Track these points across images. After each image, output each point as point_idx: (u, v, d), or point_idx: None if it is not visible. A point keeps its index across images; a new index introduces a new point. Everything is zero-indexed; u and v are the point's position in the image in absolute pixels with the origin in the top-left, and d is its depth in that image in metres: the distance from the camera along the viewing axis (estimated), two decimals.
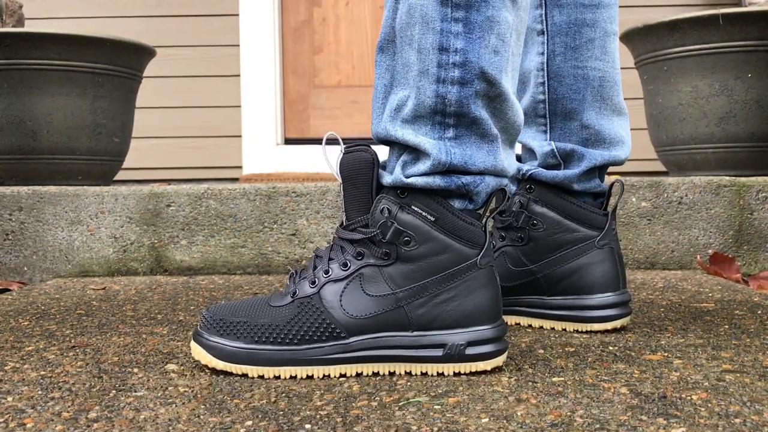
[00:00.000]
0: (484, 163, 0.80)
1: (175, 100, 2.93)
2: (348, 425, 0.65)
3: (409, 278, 0.80)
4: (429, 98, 0.78)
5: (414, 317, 0.80)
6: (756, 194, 1.66)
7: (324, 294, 0.81)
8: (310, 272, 0.84)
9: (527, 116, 1.03)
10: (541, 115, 1.03)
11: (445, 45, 0.77)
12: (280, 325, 0.80)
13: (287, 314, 0.81)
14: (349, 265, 0.82)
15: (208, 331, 0.82)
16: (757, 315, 1.10)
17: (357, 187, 0.81)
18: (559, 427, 0.63)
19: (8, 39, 1.97)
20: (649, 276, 1.54)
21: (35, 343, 0.97)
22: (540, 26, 1.01)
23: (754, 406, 0.68)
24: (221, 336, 0.81)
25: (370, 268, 0.81)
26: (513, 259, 1.00)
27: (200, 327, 0.83)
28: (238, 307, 0.84)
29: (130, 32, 2.28)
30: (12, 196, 1.65)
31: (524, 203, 1.01)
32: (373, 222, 0.81)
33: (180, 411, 0.69)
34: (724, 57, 1.96)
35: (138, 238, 1.66)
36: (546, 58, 1.02)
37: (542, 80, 1.02)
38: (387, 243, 0.80)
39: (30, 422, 0.66)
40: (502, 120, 0.81)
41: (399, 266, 0.81)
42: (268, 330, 0.80)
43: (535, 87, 1.02)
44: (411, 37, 0.78)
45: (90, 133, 2.09)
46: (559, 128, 1.03)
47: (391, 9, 0.81)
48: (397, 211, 0.80)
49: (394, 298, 0.80)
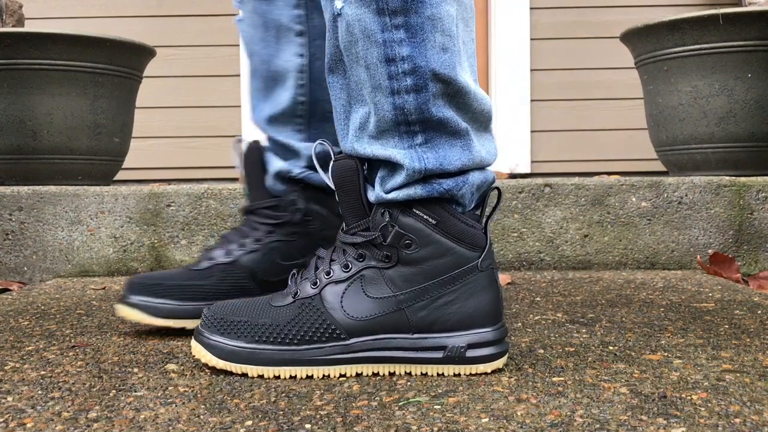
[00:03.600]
0: (460, 159, 0.79)
1: (175, 100, 2.93)
2: (348, 425, 0.65)
3: (409, 281, 0.80)
4: (388, 112, 0.77)
5: (414, 320, 0.80)
6: (756, 194, 1.66)
7: (325, 295, 0.81)
8: (311, 273, 0.84)
9: (284, 115, 1.05)
10: (299, 116, 1.06)
11: (390, 55, 0.75)
12: (280, 325, 0.81)
13: (288, 314, 0.81)
14: (350, 266, 0.82)
15: (209, 330, 0.82)
16: (757, 315, 1.10)
17: (347, 194, 0.82)
18: (559, 427, 0.63)
19: (8, 39, 1.97)
20: (649, 276, 1.54)
21: (35, 343, 0.97)
22: (300, 27, 1.03)
23: (754, 406, 0.68)
24: (222, 335, 0.81)
25: (372, 270, 0.81)
26: (282, 253, 1.04)
27: (201, 326, 0.83)
28: (240, 307, 0.84)
29: (130, 32, 2.28)
30: (12, 196, 1.65)
31: (301, 204, 1.05)
32: (374, 225, 0.81)
33: (180, 411, 0.69)
34: (724, 57, 1.96)
35: (138, 238, 1.66)
36: (308, 61, 1.04)
37: (303, 82, 1.04)
38: (388, 246, 0.80)
39: (30, 422, 0.66)
40: (468, 112, 0.80)
41: (400, 269, 0.80)
42: (268, 330, 0.80)
43: (295, 88, 1.04)
44: (356, 54, 0.77)
45: (90, 133, 2.09)
46: (315, 129, 1.07)
47: (331, 29, 0.80)
48: (398, 215, 0.80)
49: (394, 301, 0.80)
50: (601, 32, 2.91)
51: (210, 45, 2.94)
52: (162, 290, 0.97)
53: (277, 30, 1.03)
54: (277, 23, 1.02)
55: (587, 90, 2.95)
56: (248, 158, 1.05)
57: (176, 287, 0.98)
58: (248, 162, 1.05)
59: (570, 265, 1.67)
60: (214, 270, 1.00)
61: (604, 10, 2.94)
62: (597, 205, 1.67)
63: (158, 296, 0.97)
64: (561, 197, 1.67)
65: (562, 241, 1.67)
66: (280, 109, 1.05)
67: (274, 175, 1.05)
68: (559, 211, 1.67)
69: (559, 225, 1.67)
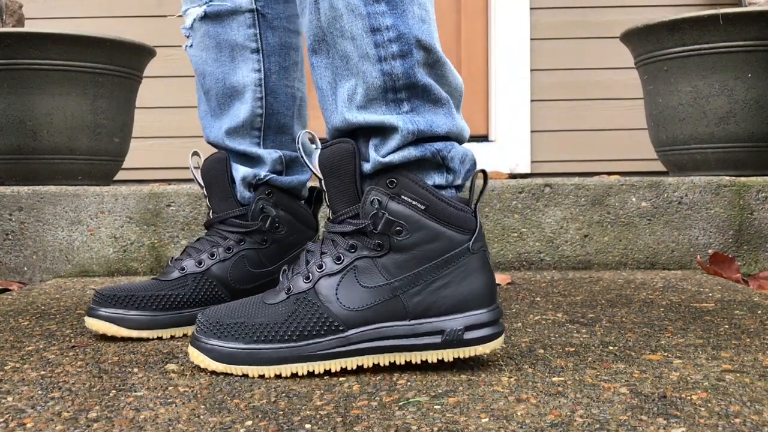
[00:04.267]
0: (446, 124, 0.83)
1: (175, 100, 2.93)
2: (348, 425, 0.65)
3: (403, 267, 0.81)
4: (377, 79, 0.80)
5: (410, 306, 0.81)
6: (756, 194, 1.66)
7: (319, 288, 0.82)
8: (302, 267, 0.84)
9: (243, 128, 1.08)
10: (256, 128, 1.09)
11: (375, 25, 0.80)
12: (277, 323, 0.81)
13: (284, 311, 0.82)
14: (342, 258, 0.83)
15: (205, 335, 0.82)
16: (757, 315, 1.10)
17: (341, 179, 0.82)
18: (559, 426, 0.63)
19: (8, 39, 1.97)
20: (649, 276, 1.54)
21: (35, 343, 0.97)
22: (255, 44, 1.08)
23: (754, 406, 0.68)
24: (219, 338, 0.81)
25: (364, 260, 0.82)
26: (253, 261, 1.06)
27: (197, 331, 0.83)
28: (234, 308, 0.84)
29: (130, 32, 2.28)
30: (12, 196, 1.65)
31: (266, 207, 1.07)
32: (364, 214, 0.82)
33: (180, 411, 0.69)
34: (724, 57, 1.96)
35: (138, 238, 1.66)
36: (263, 75, 1.09)
37: (260, 95, 1.09)
38: (379, 234, 0.81)
39: (30, 422, 0.66)
40: (445, 84, 0.84)
41: (392, 256, 0.81)
42: (266, 329, 0.81)
43: (254, 101, 1.08)
44: (341, 28, 0.81)
45: (90, 133, 2.09)
46: (271, 141, 1.11)
47: (313, 11, 0.83)
48: (387, 202, 0.81)
49: (389, 288, 0.81)
50: (601, 32, 2.91)
51: None
52: (134, 302, 0.98)
53: (232, 49, 1.08)
54: (231, 43, 1.08)
55: (587, 90, 2.95)
56: (212, 169, 1.07)
57: (149, 298, 0.99)
58: (212, 173, 1.07)
59: (570, 265, 1.67)
60: (186, 280, 1.02)
61: (604, 10, 2.94)
62: (597, 205, 1.67)
63: (130, 308, 0.98)
64: (561, 197, 1.67)
65: (562, 241, 1.67)
66: (239, 121, 1.08)
67: (240, 181, 1.07)
68: (559, 211, 1.67)
69: (559, 225, 1.67)
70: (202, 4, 1.09)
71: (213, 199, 1.08)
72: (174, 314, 1.00)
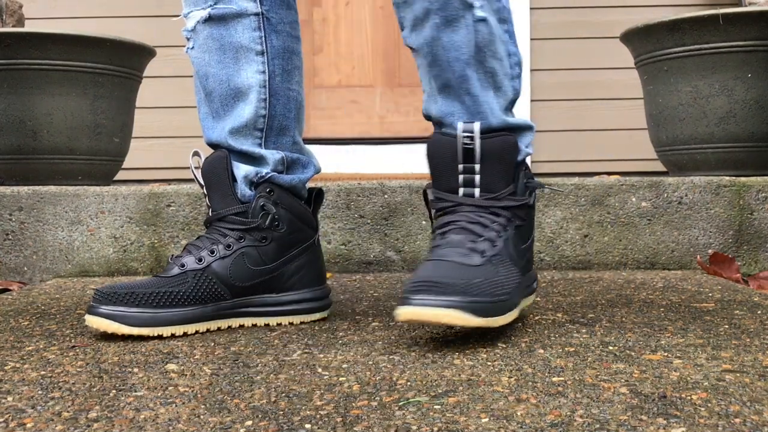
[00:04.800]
0: None
1: (175, 100, 2.93)
2: (348, 425, 0.65)
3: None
4: (510, 93, 1.04)
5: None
6: (756, 194, 1.66)
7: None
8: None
9: (246, 128, 1.10)
10: (259, 129, 1.11)
11: (509, 51, 1.04)
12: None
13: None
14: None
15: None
16: (757, 315, 1.10)
17: (503, 165, 1.00)
18: (558, 427, 0.63)
19: (8, 39, 1.97)
20: (649, 276, 1.54)
21: (35, 343, 0.97)
22: (260, 47, 1.10)
23: (754, 406, 0.68)
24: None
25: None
26: (253, 259, 1.07)
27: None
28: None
29: (130, 32, 2.28)
30: (12, 196, 1.66)
31: (266, 205, 1.08)
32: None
33: (180, 411, 0.69)
34: (723, 57, 1.96)
35: (138, 238, 1.66)
36: (268, 77, 1.10)
37: (264, 96, 1.10)
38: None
39: (30, 422, 0.67)
40: None
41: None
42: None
43: (258, 102, 1.10)
44: (494, 51, 1.01)
45: (90, 133, 2.09)
46: (272, 142, 1.12)
47: (471, 31, 1.00)
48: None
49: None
50: (601, 32, 2.91)
51: None
52: (135, 299, 0.98)
53: (236, 51, 1.09)
54: (236, 45, 1.09)
55: (587, 90, 2.95)
56: (213, 167, 1.08)
57: (149, 295, 0.99)
58: (213, 171, 1.08)
59: (570, 265, 1.67)
60: (186, 277, 1.02)
61: (604, 10, 2.94)
62: (597, 205, 1.67)
63: (132, 305, 0.97)
64: (561, 197, 1.67)
65: (562, 241, 1.67)
66: (242, 121, 1.09)
67: (242, 178, 1.08)
68: (559, 211, 1.67)
69: (559, 225, 1.67)
70: (206, 7, 1.09)
71: (213, 197, 1.09)
72: (175, 311, 1.00)
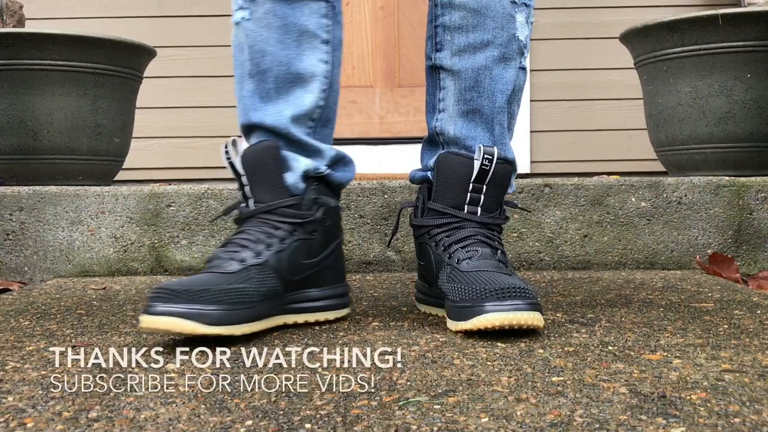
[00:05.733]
0: None
1: (176, 100, 2.93)
2: (348, 425, 0.65)
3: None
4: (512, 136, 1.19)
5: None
6: (755, 194, 1.66)
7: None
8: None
9: (304, 117, 1.07)
10: (313, 119, 1.09)
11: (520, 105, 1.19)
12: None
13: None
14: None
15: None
16: (757, 315, 1.10)
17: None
18: (558, 426, 0.63)
19: (9, 39, 1.97)
20: (648, 276, 1.54)
21: (36, 343, 0.97)
22: (326, 35, 1.08)
23: (754, 406, 0.68)
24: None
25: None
26: (304, 252, 1.04)
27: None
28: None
29: (131, 33, 2.28)
30: (13, 196, 1.66)
31: (320, 198, 1.07)
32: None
33: (180, 411, 0.69)
34: (723, 57, 1.96)
35: (138, 238, 1.66)
36: (331, 68, 1.09)
37: (325, 87, 1.09)
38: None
39: (30, 422, 0.67)
40: None
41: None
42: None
43: (319, 92, 1.08)
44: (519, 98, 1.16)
45: (90, 134, 2.09)
46: (318, 134, 1.10)
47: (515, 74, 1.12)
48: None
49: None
50: (601, 32, 2.91)
51: (210, 45, 2.94)
52: (211, 296, 0.90)
53: (300, 34, 1.05)
54: (301, 27, 1.05)
55: (587, 90, 2.95)
56: (261, 157, 1.04)
57: (223, 292, 0.92)
58: (261, 161, 1.03)
59: (569, 265, 1.67)
60: (250, 272, 0.97)
61: (603, 11, 2.95)
62: (596, 206, 1.67)
63: (209, 302, 0.89)
64: (561, 197, 1.67)
65: (562, 241, 1.67)
66: (303, 110, 1.07)
67: (302, 172, 1.05)
68: (559, 211, 1.67)
69: (558, 225, 1.67)
70: None
71: (257, 188, 1.04)
72: (245, 309, 0.94)
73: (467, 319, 0.94)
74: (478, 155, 1.05)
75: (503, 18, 1.07)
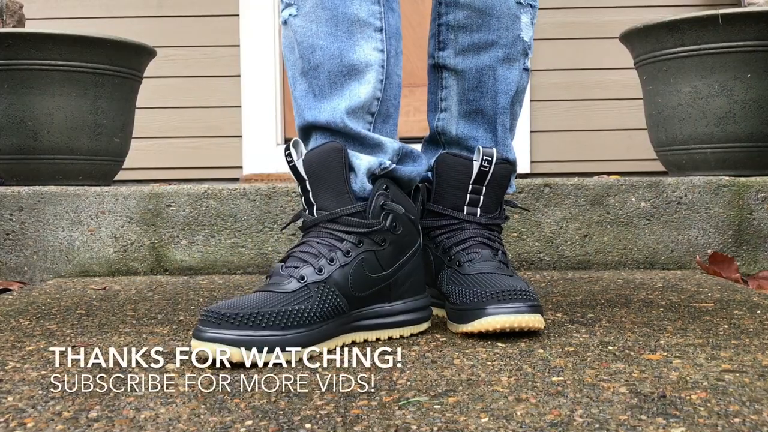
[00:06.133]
0: None
1: (176, 100, 2.93)
2: (348, 425, 0.65)
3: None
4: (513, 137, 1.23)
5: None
6: (755, 194, 1.66)
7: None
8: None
9: (361, 110, 1.00)
10: (371, 113, 1.01)
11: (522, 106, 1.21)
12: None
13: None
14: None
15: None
16: (757, 315, 1.10)
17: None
18: (558, 426, 0.63)
19: (9, 39, 1.97)
20: (648, 276, 1.55)
21: (36, 343, 0.97)
22: (379, 23, 1.00)
23: (753, 406, 0.68)
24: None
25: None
26: (371, 265, 0.96)
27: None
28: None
29: (131, 33, 2.28)
30: (13, 196, 1.66)
31: (387, 204, 0.97)
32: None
33: (180, 411, 0.69)
34: (723, 57, 1.96)
35: (138, 238, 1.66)
36: (386, 57, 1.01)
37: (382, 78, 1.01)
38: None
39: (30, 422, 0.67)
40: None
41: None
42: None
43: (375, 83, 1.00)
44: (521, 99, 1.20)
45: (90, 134, 2.09)
46: (379, 129, 1.02)
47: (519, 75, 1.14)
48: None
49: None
50: (601, 32, 2.91)
51: (210, 45, 2.94)
52: (261, 320, 0.84)
53: (351, 24, 0.99)
54: (352, 17, 0.98)
55: (587, 90, 2.95)
56: (325, 160, 0.95)
57: (277, 315, 0.86)
58: (326, 165, 0.95)
59: (569, 265, 1.67)
60: (309, 291, 0.90)
61: (603, 11, 2.94)
62: (596, 206, 1.67)
63: (258, 327, 0.84)
64: (561, 197, 1.67)
65: (562, 241, 1.67)
66: (359, 102, 0.99)
67: (365, 171, 0.97)
68: (559, 211, 1.67)
69: (558, 225, 1.67)
70: None
71: (321, 194, 0.96)
72: (302, 332, 0.87)
73: (468, 322, 0.94)
74: (477, 156, 1.05)
75: (508, 18, 1.07)
